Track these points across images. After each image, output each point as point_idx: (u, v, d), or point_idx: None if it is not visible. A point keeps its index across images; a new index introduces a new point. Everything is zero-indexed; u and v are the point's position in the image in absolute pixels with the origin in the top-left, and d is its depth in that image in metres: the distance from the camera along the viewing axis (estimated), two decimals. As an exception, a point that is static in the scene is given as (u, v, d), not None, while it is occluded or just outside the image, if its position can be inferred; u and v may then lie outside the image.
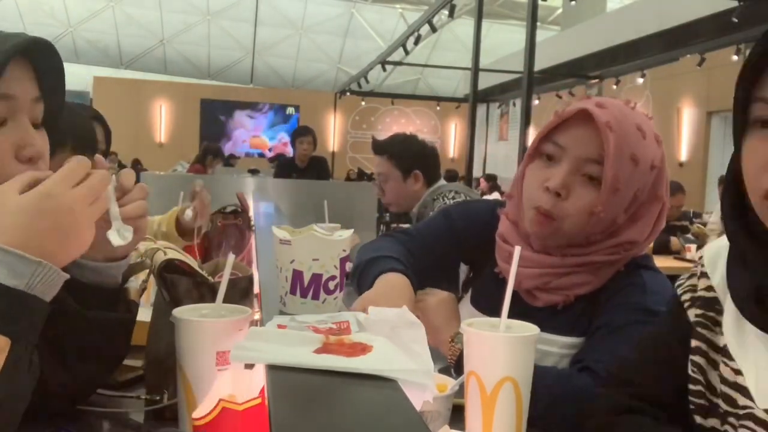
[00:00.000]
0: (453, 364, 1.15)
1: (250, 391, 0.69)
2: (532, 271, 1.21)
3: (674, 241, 5.24)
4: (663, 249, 5.11)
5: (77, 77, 17.32)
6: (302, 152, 5.43)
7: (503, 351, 0.84)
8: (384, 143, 2.92)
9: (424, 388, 0.68)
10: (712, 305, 0.86)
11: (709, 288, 0.87)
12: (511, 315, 1.26)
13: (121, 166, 12.41)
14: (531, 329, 0.87)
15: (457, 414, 0.95)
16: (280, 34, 18.06)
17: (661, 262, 4.49)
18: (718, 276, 0.87)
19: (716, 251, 0.89)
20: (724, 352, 0.83)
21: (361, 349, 0.71)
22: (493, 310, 1.11)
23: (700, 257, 0.91)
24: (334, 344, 0.73)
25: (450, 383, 0.97)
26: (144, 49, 18.16)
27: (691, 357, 0.86)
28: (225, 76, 18.83)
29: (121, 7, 17.05)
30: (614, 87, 10.70)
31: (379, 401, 0.62)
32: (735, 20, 6.38)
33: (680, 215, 5.55)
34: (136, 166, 11.50)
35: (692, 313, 0.88)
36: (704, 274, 0.89)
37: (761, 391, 0.77)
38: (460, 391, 0.92)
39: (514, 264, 0.91)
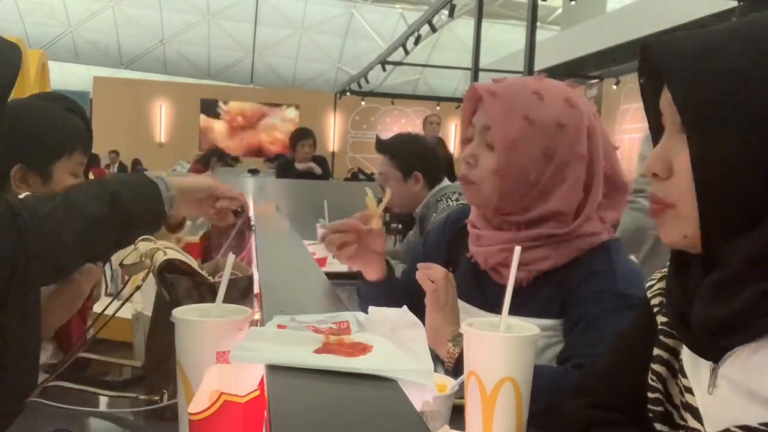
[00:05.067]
0: (451, 368, 1.15)
1: (241, 384, 0.69)
2: (492, 249, 1.28)
3: None
4: None
5: (77, 77, 17.33)
6: (303, 155, 5.46)
7: (503, 351, 0.84)
8: (386, 143, 2.91)
9: (424, 388, 0.68)
10: None
11: None
12: (485, 293, 1.29)
13: (122, 165, 12.43)
14: (531, 329, 0.86)
15: (457, 414, 0.95)
16: (280, 34, 18.05)
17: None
18: None
19: None
20: (680, 365, 0.82)
21: (361, 349, 0.71)
22: (468, 293, 1.33)
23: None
24: (334, 344, 0.73)
25: (450, 383, 0.97)
26: (144, 49, 18.16)
27: (652, 365, 0.85)
28: (225, 76, 18.82)
29: (121, 7, 17.04)
30: (614, 87, 10.69)
31: (379, 401, 0.62)
32: (735, 20, 6.38)
33: None
34: (137, 166, 11.50)
35: (659, 321, 0.87)
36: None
37: (709, 416, 0.75)
38: (460, 391, 0.92)
39: (514, 264, 0.91)
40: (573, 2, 10.11)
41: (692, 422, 0.78)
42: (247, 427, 0.68)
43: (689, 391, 0.79)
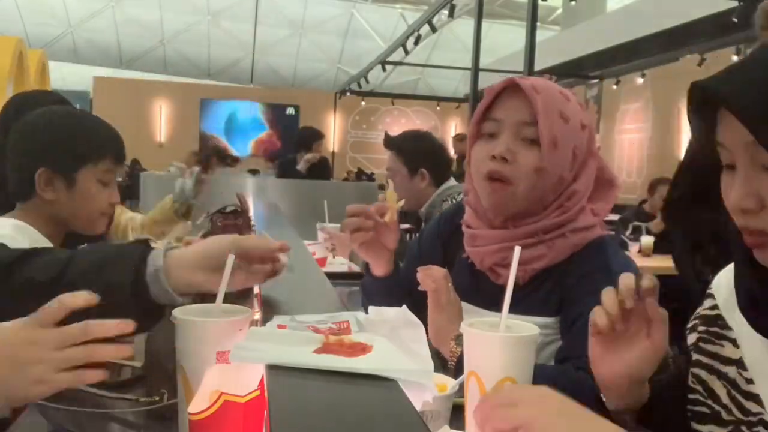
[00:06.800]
0: (454, 366, 1.15)
1: (241, 384, 0.69)
2: (489, 248, 1.29)
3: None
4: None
5: (77, 77, 17.30)
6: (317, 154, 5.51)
7: (503, 351, 0.83)
8: (394, 138, 2.90)
9: (424, 388, 0.68)
10: (715, 321, 0.93)
11: (714, 307, 0.94)
12: (482, 292, 1.30)
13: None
14: (531, 329, 0.86)
15: (457, 414, 0.95)
16: (280, 34, 18.03)
17: (664, 262, 4.47)
18: (722, 296, 0.92)
19: (724, 274, 0.95)
20: (739, 363, 0.87)
21: (361, 349, 0.71)
22: (466, 292, 1.29)
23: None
24: (334, 344, 0.73)
25: (450, 383, 0.97)
26: (144, 49, 18.15)
27: (692, 369, 0.93)
28: (225, 75, 18.81)
29: (121, 7, 17.03)
30: (614, 87, 10.68)
31: (379, 401, 0.62)
32: (735, 20, 6.37)
33: None
34: (135, 166, 11.49)
35: (693, 337, 0.95)
36: (710, 295, 0.95)
37: None
38: (460, 391, 0.92)
39: (514, 264, 0.91)
40: (573, 2, 10.10)
41: (755, 408, 0.83)
42: (247, 427, 0.68)
43: (750, 381, 0.85)
